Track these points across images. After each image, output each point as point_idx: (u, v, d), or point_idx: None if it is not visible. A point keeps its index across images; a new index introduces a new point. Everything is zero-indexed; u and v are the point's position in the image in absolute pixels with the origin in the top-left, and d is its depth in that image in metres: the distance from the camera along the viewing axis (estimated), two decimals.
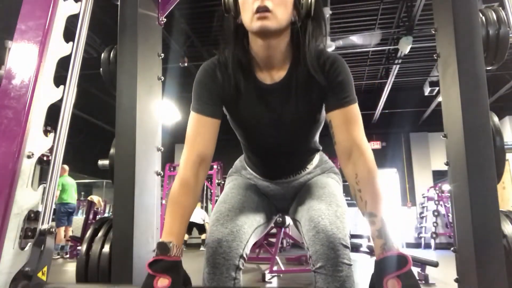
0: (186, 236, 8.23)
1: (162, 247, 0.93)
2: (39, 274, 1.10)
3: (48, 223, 1.22)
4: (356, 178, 0.97)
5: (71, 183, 6.67)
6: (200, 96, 1.08)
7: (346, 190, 1.15)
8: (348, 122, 1.01)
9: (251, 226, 1.10)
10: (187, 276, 0.96)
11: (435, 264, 3.71)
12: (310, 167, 1.28)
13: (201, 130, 1.06)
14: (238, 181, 1.27)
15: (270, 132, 1.12)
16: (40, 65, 1.25)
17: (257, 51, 1.05)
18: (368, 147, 1.00)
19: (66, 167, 6.57)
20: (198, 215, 8.23)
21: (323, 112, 1.12)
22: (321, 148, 1.31)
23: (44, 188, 1.24)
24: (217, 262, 0.99)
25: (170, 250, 0.93)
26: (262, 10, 0.94)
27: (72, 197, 6.59)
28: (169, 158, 9.82)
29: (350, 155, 1.00)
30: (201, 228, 8.25)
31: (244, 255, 1.04)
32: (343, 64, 1.05)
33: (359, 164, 0.97)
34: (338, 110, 1.02)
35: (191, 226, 8.22)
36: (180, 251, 0.96)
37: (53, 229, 1.22)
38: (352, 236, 7.67)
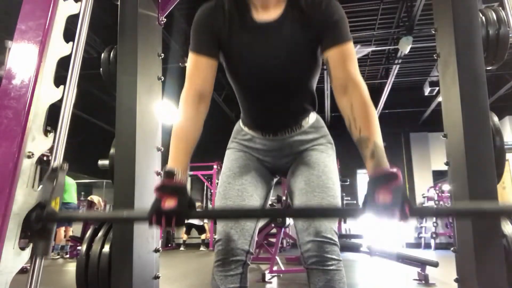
0: (185, 237, 8.22)
1: (168, 173, 0.99)
2: (52, 204, 1.17)
3: (60, 160, 1.29)
4: (351, 108, 1.01)
5: (71, 183, 6.67)
6: (197, 36, 1.14)
7: (346, 190, 1.15)
8: (344, 58, 1.04)
9: (253, 220, 1.15)
10: (191, 199, 1.00)
11: (435, 264, 3.71)
12: (305, 124, 1.26)
13: (199, 68, 1.12)
14: (233, 164, 1.25)
15: (265, 71, 1.14)
16: (40, 65, 1.25)
17: None
18: (362, 81, 1.04)
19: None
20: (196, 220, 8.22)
21: (319, 59, 1.16)
22: (316, 105, 1.30)
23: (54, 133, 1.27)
24: (226, 258, 1.08)
25: (176, 176, 0.99)
26: None
27: (72, 197, 6.59)
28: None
29: (346, 89, 1.03)
30: (201, 229, 8.24)
31: (251, 250, 1.12)
32: (338, 5, 1.10)
33: (354, 95, 1.02)
34: (334, 47, 1.05)
35: (190, 227, 8.21)
36: (186, 177, 1.02)
37: (65, 166, 1.28)
38: (352, 236, 7.68)
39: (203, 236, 8.14)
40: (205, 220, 8.25)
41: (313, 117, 1.28)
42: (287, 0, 1.11)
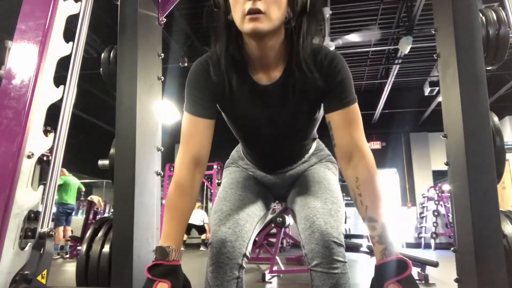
0: (185, 237, 8.22)
1: (161, 252, 0.93)
2: (39, 277, 1.11)
3: (47, 225, 1.22)
4: (357, 182, 0.96)
5: (75, 182, 6.66)
6: (192, 96, 1.05)
7: (345, 190, 1.15)
8: (348, 123, 0.99)
9: (252, 223, 1.10)
10: (186, 280, 0.96)
11: (435, 264, 3.71)
12: (306, 156, 1.27)
13: (195, 131, 1.04)
14: (236, 174, 1.26)
15: (267, 131, 1.11)
16: (40, 65, 1.25)
17: (251, 50, 1.01)
18: (369, 150, 0.99)
19: (65, 170, 6.56)
20: (197, 217, 8.21)
21: (321, 108, 1.10)
22: (317, 137, 1.30)
23: (44, 189, 1.23)
24: (221, 262, 1.00)
25: (169, 255, 0.93)
26: (254, 12, 0.90)
27: (71, 198, 6.58)
28: (169, 158, 9.80)
29: (350, 158, 0.99)
30: (201, 229, 8.24)
31: (247, 253, 1.05)
32: (341, 62, 1.01)
33: (360, 167, 0.97)
34: (337, 111, 0.99)
35: (190, 227, 8.20)
36: (179, 255, 0.96)
37: (53, 232, 1.23)
38: (352, 236, 7.67)
39: (203, 236, 8.14)
40: (205, 220, 8.25)
41: (313, 146, 1.29)
42: (287, 59, 1.03)
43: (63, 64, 1.39)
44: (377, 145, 9.85)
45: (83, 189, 7.34)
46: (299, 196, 1.14)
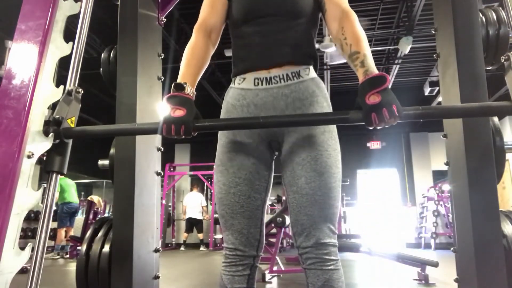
0: (185, 235, 8.23)
1: (178, 86, 1.05)
2: (68, 121, 1.21)
3: (75, 83, 1.33)
4: (342, 30, 1.10)
5: (70, 184, 6.67)
6: None
7: (345, 190, 1.14)
8: None
9: (257, 222, 1.14)
10: (198, 112, 1.05)
11: (435, 264, 3.71)
12: (305, 76, 1.16)
13: (213, 7, 1.22)
14: (226, 163, 1.15)
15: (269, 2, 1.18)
16: (40, 65, 1.25)
17: None
18: (353, 12, 1.13)
19: None
20: (195, 202, 8.23)
21: (318, 13, 1.22)
22: (318, 60, 1.23)
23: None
24: (234, 263, 1.12)
25: (185, 89, 1.05)
26: None
27: (72, 196, 6.58)
28: (169, 158, 9.82)
29: (338, 17, 1.13)
30: (200, 225, 8.23)
31: (259, 253, 1.15)
32: None
33: (345, 20, 1.11)
34: None
35: (190, 224, 8.22)
36: (193, 92, 1.07)
37: (80, 89, 1.31)
38: (352, 236, 7.67)
39: (200, 236, 8.14)
40: (203, 203, 8.31)
41: (314, 73, 1.20)
42: None
43: (63, 64, 1.39)
44: (377, 145, 9.85)
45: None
46: (295, 182, 1.09)
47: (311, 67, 1.19)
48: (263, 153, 1.17)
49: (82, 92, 1.33)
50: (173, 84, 1.06)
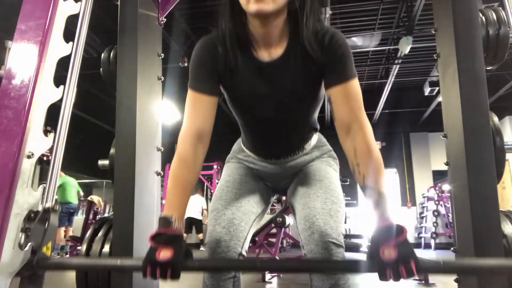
0: (185, 235, 8.23)
1: (164, 221, 0.95)
2: (44, 249, 1.14)
3: (52, 201, 1.23)
4: (355, 153, 0.98)
5: (73, 184, 6.67)
6: (197, 73, 1.07)
7: (345, 190, 1.15)
8: (348, 97, 1.00)
9: (248, 222, 1.10)
10: (188, 249, 0.97)
11: None
12: (308, 147, 1.25)
13: (199, 108, 1.06)
14: (233, 171, 1.25)
15: (268, 109, 1.11)
16: (40, 65, 1.25)
17: (255, 28, 1.04)
18: (367, 122, 1.00)
19: (61, 172, 6.56)
20: (195, 205, 8.22)
21: (322, 90, 1.11)
22: (318, 127, 1.28)
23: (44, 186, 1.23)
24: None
25: (172, 224, 0.95)
26: None
27: (72, 197, 6.58)
28: (169, 158, 9.72)
29: (349, 130, 1.00)
30: (199, 225, 8.23)
31: (243, 252, 1.06)
32: (342, 38, 1.03)
33: (358, 138, 0.98)
34: (337, 85, 1.01)
35: (189, 223, 8.22)
36: (182, 225, 0.99)
37: (57, 207, 1.23)
38: (352, 236, 7.67)
39: (200, 236, 8.14)
40: (204, 207, 8.30)
41: (315, 139, 1.28)
42: (289, 36, 1.06)
43: (63, 64, 1.38)
44: (377, 145, 9.84)
45: (82, 193, 7.32)
46: (299, 193, 1.14)
47: (314, 135, 1.27)
48: (266, 188, 1.29)
49: (58, 208, 1.25)
50: (159, 218, 0.98)
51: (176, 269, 0.91)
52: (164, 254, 0.90)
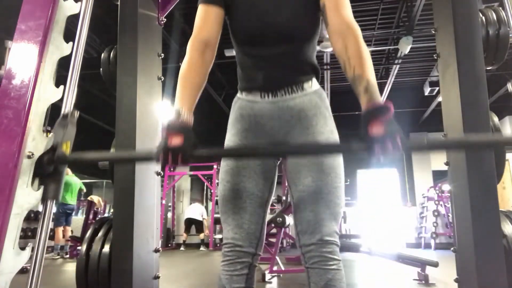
0: (185, 236, 8.22)
1: (175, 112, 1.04)
2: (63, 147, 1.20)
3: (70, 108, 1.32)
4: (346, 50, 1.06)
5: (76, 183, 6.66)
6: None
7: (346, 190, 1.14)
8: (338, 5, 1.13)
9: (258, 221, 1.14)
10: (196, 138, 1.03)
11: (435, 264, 3.71)
12: (308, 88, 1.21)
13: (207, 18, 1.17)
14: (232, 161, 1.21)
15: (269, 22, 1.17)
16: (40, 65, 1.25)
17: None
18: (357, 26, 1.10)
19: (68, 170, 6.55)
20: (197, 211, 8.23)
21: (320, 21, 1.21)
22: (319, 69, 1.27)
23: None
24: (233, 261, 1.11)
25: (181, 115, 1.04)
26: None
27: (73, 198, 6.58)
28: None
29: (341, 32, 1.09)
30: (200, 226, 8.23)
31: (258, 252, 1.14)
32: None
33: (349, 38, 1.07)
34: None
35: (190, 223, 8.22)
36: (190, 117, 1.06)
37: (76, 113, 1.30)
38: (352, 236, 7.67)
39: (201, 236, 8.14)
40: (204, 216, 8.27)
41: (317, 85, 1.26)
42: None
43: (63, 64, 1.39)
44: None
45: (84, 190, 7.34)
46: (302, 186, 1.13)
47: (314, 79, 1.24)
48: (266, 164, 1.23)
49: (77, 115, 1.33)
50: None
51: (187, 154, 1.00)
52: (175, 141, 0.99)
